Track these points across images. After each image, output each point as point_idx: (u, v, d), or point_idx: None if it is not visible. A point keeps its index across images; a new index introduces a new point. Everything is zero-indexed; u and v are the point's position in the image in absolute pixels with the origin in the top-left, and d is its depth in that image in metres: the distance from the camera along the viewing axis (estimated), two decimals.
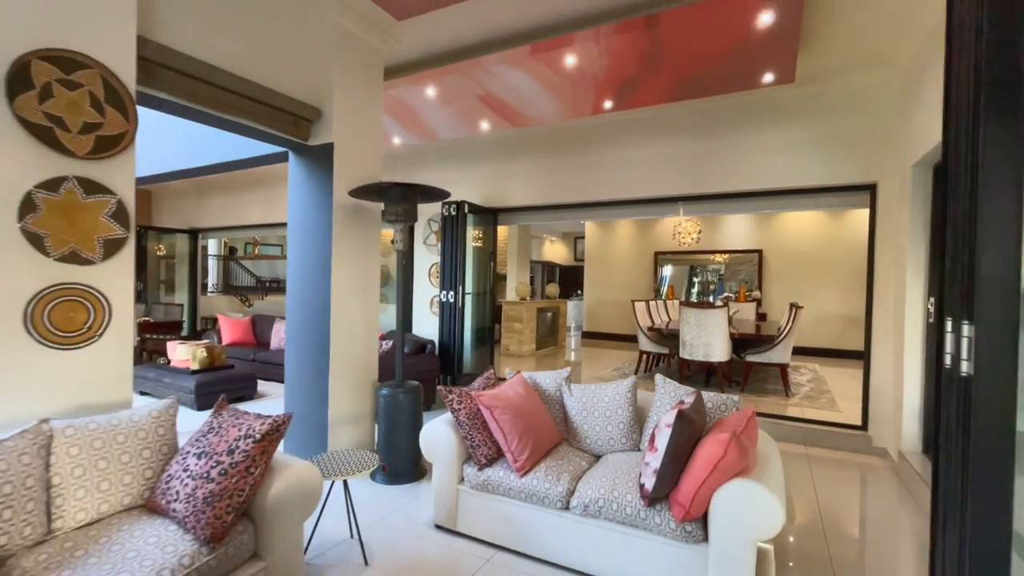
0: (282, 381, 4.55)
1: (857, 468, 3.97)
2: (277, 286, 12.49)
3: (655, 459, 2.20)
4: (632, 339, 10.49)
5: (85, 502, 1.84)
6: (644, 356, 6.91)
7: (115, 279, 2.34)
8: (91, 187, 2.23)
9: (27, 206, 2.05)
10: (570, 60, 3.76)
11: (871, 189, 4.37)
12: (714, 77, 4.04)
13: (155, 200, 9.98)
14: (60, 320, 2.16)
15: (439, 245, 6.13)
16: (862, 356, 4.43)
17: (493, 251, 6.32)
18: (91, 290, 2.25)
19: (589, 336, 11.51)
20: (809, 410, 5.08)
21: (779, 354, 5.67)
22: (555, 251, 16.67)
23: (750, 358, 5.79)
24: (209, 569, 1.75)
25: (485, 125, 5.29)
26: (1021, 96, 1.08)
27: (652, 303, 7.58)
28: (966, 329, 1.12)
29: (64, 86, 2.14)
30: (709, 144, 4.99)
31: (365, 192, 3.41)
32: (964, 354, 1.12)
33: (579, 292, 14.77)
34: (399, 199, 3.43)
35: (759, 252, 9.85)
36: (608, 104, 4.59)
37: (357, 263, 3.71)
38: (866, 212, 5.51)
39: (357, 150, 3.68)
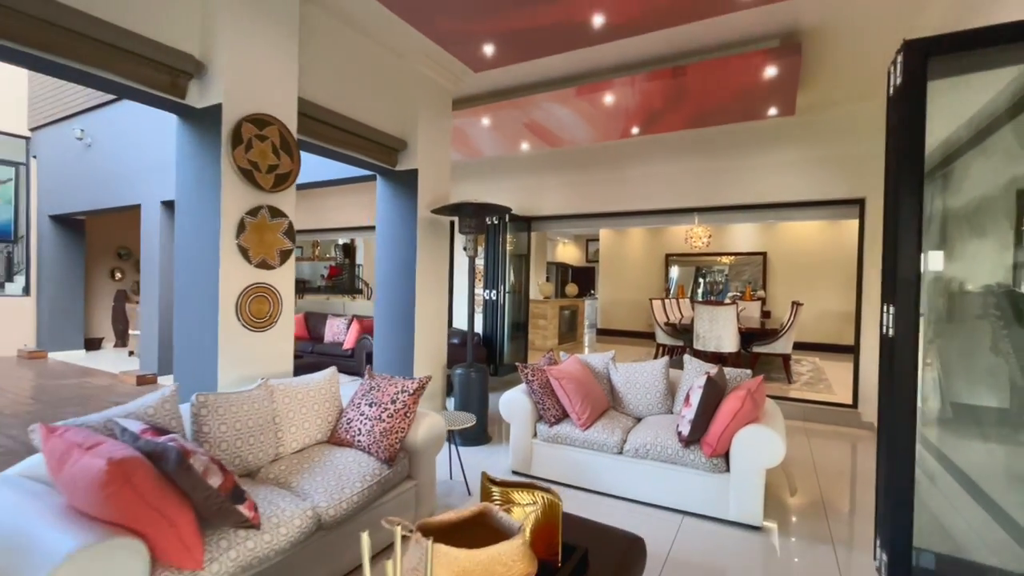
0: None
1: (848, 439, 4.74)
2: (304, 287, 13.38)
3: (689, 412, 2.98)
4: (644, 335, 11.27)
5: (296, 435, 2.63)
6: (660, 348, 7.69)
7: (284, 280, 3.14)
8: (274, 212, 3.03)
9: (240, 227, 2.86)
10: (608, 98, 4.55)
11: (860, 203, 5.14)
12: (726, 111, 4.82)
13: None
14: (255, 311, 2.96)
15: (478, 249, 6.92)
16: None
17: (527, 255, 7.11)
18: (272, 288, 3.06)
19: (603, 333, 12.28)
20: (808, 394, 5.85)
21: (782, 345, 6.45)
22: (567, 252, 17.43)
23: (756, 349, 6.57)
24: (387, 481, 2.54)
25: (525, 146, 6.08)
26: (920, 172, 1.87)
27: (667, 301, 8.35)
28: (891, 309, 1.89)
29: (258, 139, 2.94)
30: (720, 163, 5.77)
31: (445, 209, 4.21)
32: (890, 323, 1.89)
33: (591, 292, 15.54)
34: (472, 215, 4.22)
35: (763, 254, 10.62)
36: (635, 130, 5.37)
37: (433, 266, 4.51)
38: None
39: (434, 174, 4.48)
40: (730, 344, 6.38)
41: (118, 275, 9.90)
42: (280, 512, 2.01)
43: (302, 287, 13.92)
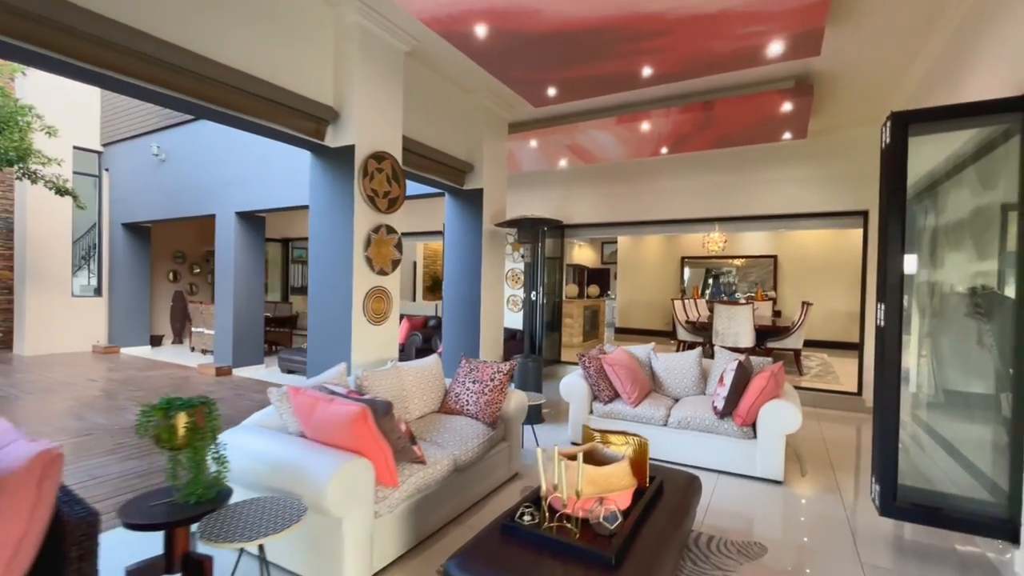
0: None
1: (853, 421, 5.42)
2: None
3: (723, 390, 3.70)
4: (660, 333, 11.96)
5: (418, 405, 3.37)
6: (681, 344, 8.39)
7: (393, 284, 3.89)
8: (389, 230, 3.78)
9: (367, 242, 3.60)
10: (644, 126, 5.27)
11: (864, 215, 5.83)
12: (746, 135, 5.52)
13: None
14: (375, 308, 3.71)
15: (515, 254, 7.64)
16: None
17: (560, 259, 7.83)
18: (386, 290, 3.80)
19: (621, 332, 12.98)
20: (818, 384, 6.54)
21: (794, 341, 7.14)
22: (583, 255, 18.12)
23: (770, 344, 7.26)
24: (492, 439, 3.27)
25: (563, 162, 6.81)
26: (903, 206, 2.57)
27: (686, 301, 9.05)
28: (882, 306, 2.60)
29: (378, 171, 3.69)
30: (738, 178, 6.47)
31: (507, 223, 4.94)
32: (882, 317, 2.60)
33: (607, 292, 16.23)
34: (529, 227, 4.95)
35: (774, 257, 11.29)
36: (664, 150, 6.08)
37: (492, 271, 5.24)
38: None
39: (494, 191, 5.21)
40: (747, 340, 7.08)
41: (175, 277, 10.72)
42: (433, 455, 2.74)
43: None
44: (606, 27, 3.33)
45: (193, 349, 9.32)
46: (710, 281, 12.48)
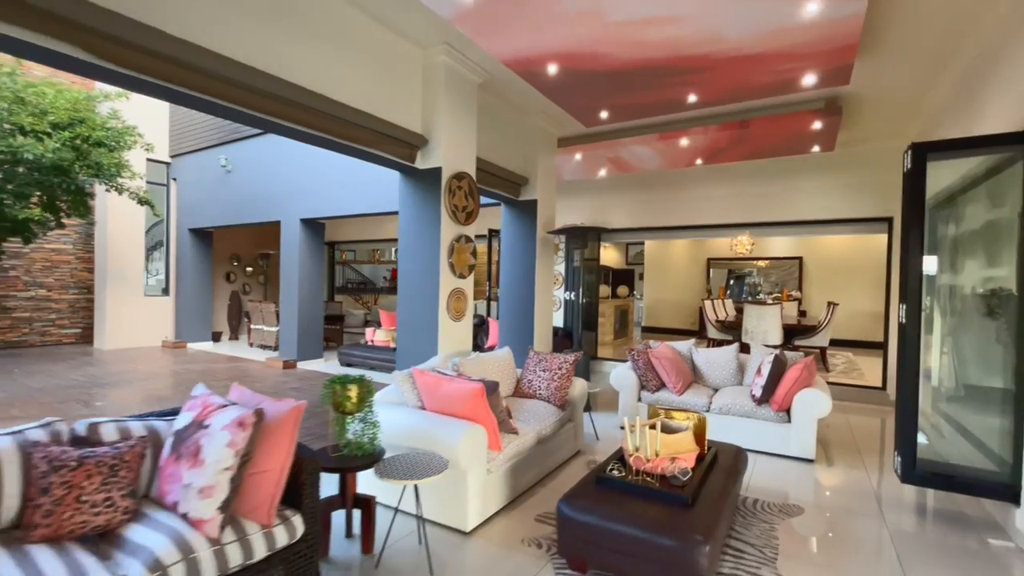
0: None
1: (878, 414, 5.84)
2: (364, 287, 15.04)
3: (761, 380, 4.20)
4: (686, 332, 12.38)
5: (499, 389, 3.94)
6: (710, 342, 8.84)
7: (468, 285, 4.47)
8: (466, 239, 4.37)
9: (451, 250, 4.20)
10: (683, 141, 5.77)
11: (888, 221, 6.23)
12: (777, 149, 5.98)
13: None
14: (455, 307, 4.29)
15: (555, 256, 8.17)
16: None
17: (597, 261, 8.34)
18: (464, 291, 4.39)
19: (648, 330, 13.43)
20: (843, 379, 6.95)
21: (820, 339, 7.55)
22: (608, 255, 18.55)
23: (797, 342, 7.68)
24: (562, 419, 3.82)
25: (602, 172, 7.34)
26: (922, 220, 3.06)
27: (715, 301, 9.50)
28: (903, 306, 3.08)
29: (458, 189, 4.28)
30: (767, 186, 6.92)
31: (559, 231, 5.49)
32: (902, 314, 3.08)
33: (633, 293, 16.67)
34: (579, 235, 5.50)
35: (799, 259, 11.64)
36: (699, 161, 6.57)
37: (544, 273, 5.80)
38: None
39: (546, 202, 5.77)
40: (775, 338, 7.51)
41: (232, 278, 11.52)
42: (522, 428, 3.31)
43: (361, 287, 15.50)
44: (658, 66, 3.86)
45: (252, 344, 10.07)
46: (731, 282, 12.87)
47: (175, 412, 2.30)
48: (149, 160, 9.78)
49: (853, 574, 2.50)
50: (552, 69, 3.92)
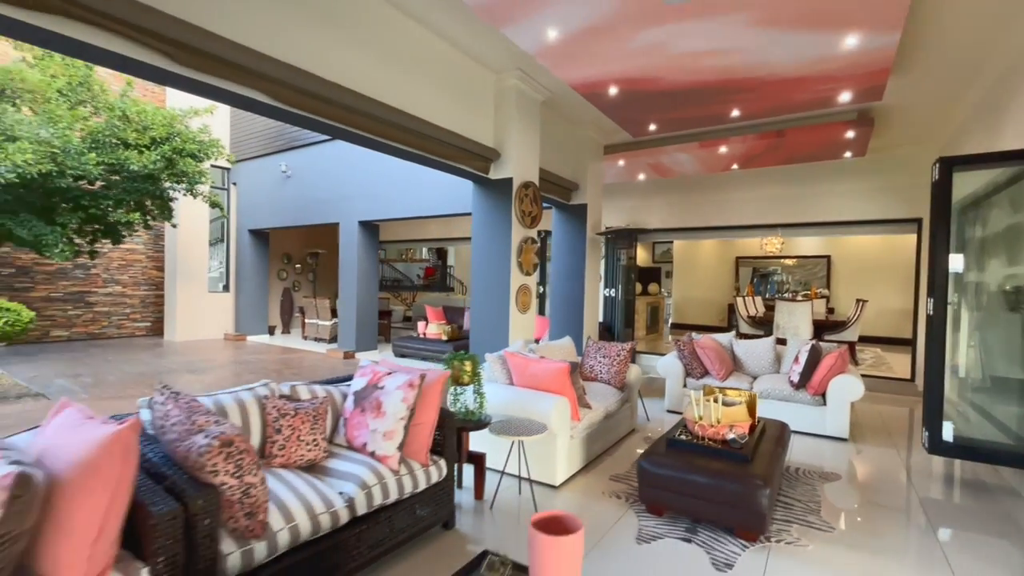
0: None
1: (906, 404, 6.22)
2: (399, 284, 15.78)
3: (798, 367, 4.66)
4: (714, 329, 12.74)
5: None
6: (741, 337, 9.23)
7: (533, 281, 5.02)
8: (532, 240, 4.92)
9: (519, 250, 4.75)
10: (722, 149, 6.22)
11: (918, 222, 6.59)
12: (811, 155, 6.40)
13: None
14: (522, 301, 4.85)
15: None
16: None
17: (634, 260, 8.82)
18: (528, 287, 4.94)
19: (677, 327, 13.82)
20: (873, 372, 7.32)
21: (850, 334, 7.92)
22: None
23: (827, 337, 8.05)
24: (621, 400, 4.34)
25: (641, 176, 7.82)
26: (948, 226, 3.50)
27: (747, 299, 9.89)
28: (930, 300, 3.52)
29: (526, 196, 4.82)
30: (800, 189, 7.31)
31: (608, 233, 6.00)
32: (930, 307, 3.52)
33: (661, 290, 17.05)
34: (625, 236, 6.01)
35: (827, 258, 11.93)
36: (735, 166, 7.01)
37: (593, 272, 6.32)
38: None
39: (595, 205, 6.29)
40: (806, 333, 7.90)
41: (284, 275, 12.29)
42: (593, 405, 3.85)
43: (396, 284, 16.21)
44: (708, 87, 4.35)
45: (306, 337, 10.80)
46: (755, 280, 13.20)
47: (344, 379, 2.90)
48: (212, 166, 10.55)
49: (888, 523, 2.99)
50: (613, 90, 4.44)
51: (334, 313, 10.35)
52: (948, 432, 3.55)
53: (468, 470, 3.34)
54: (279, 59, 3.06)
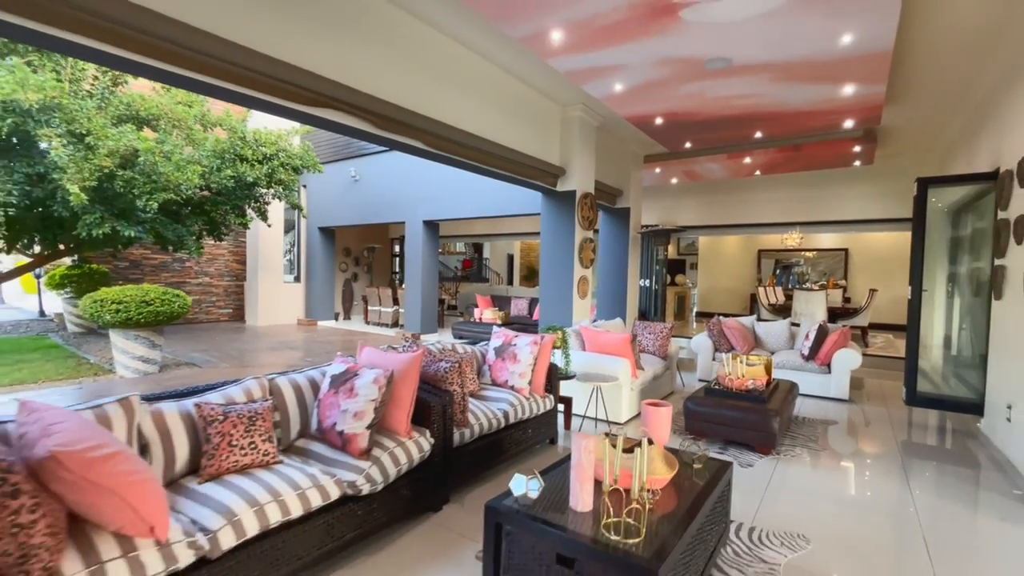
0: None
1: None
2: (442, 275, 16.98)
3: (808, 343, 5.76)
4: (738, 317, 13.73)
5: None
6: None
7: (590, 273, 6.19)
8: (589, 240, 6.08)
9: (579, 248, 5.93)
10: (747, 160, 7.27)
11: None
12: (825, 163, 7.40)
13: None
14: (581, 289, 6.03)
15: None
16: None
17: (666, 255, 9.91)
18: (587, 278, 6.10)
19: (702, 315, 14.83)
20: (880, 352, 8.31)
21: (861, 320, 8.90)
22: None
23: (841, 323, 9.05)
24: (664, 367, 5.50)
25: (674, 180, 8.88)
26: (924, 218, 4.56)
27: (768, 289, 10.90)
28: (911, 287, 4.58)
29: (584, 204, 5.98)
30: (816, 191, 8.30)
31: (650, 232, 7.13)
32: (910, 293, 4.57)
33: (687, 281, 18.03)
34: (663, 234, 7.12)
35: (845, 251, 12.80)
36: (757, 173, 8.03)
37: (634, 265, 7.46)
38: None
39: (636, 209, 7.41)
40: (820, 318, 8.90)
41: (344, 267, 13.68)
42: (645, 368, 5.02)
43: (439, 276, 17.52)
44: (736, 117, 5.43)
45: (368, 322, 12.16)
46: (777, 271, 14.13)
47: (477, 342, 4.13)
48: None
49: (870, 448, 4.11)
50: (659, 121, 5.55)
51: (395, 301, 11.67)
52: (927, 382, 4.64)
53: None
54: (425, 113, 4.28)
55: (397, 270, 15.10)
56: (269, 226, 10.40)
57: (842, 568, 2.42)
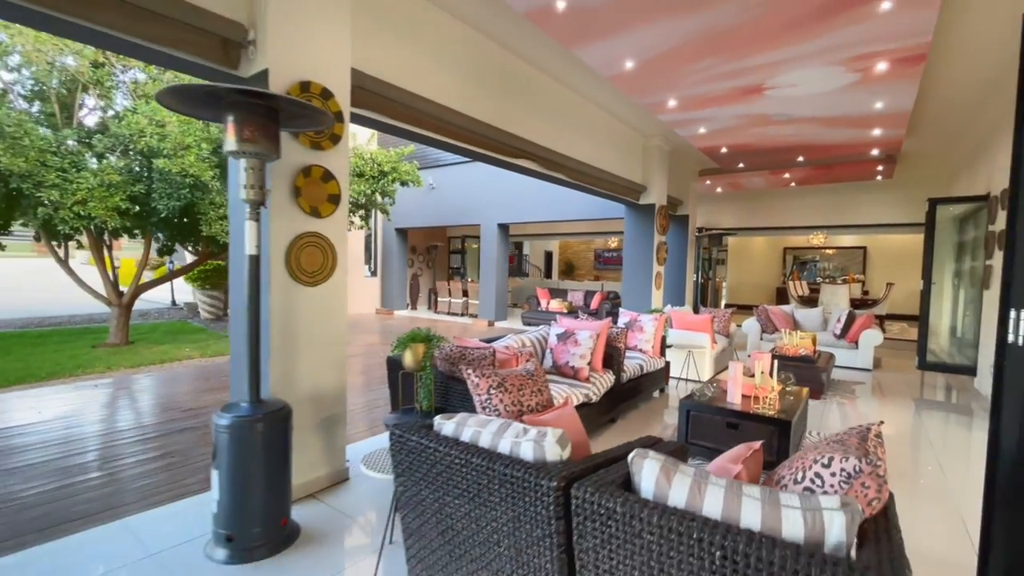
0: None
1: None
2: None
3: (839, 325, 7.27)
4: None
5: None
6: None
7: (663, 269, 7.73)
8: (664, 243, 7.62)
9: (656, 250, 7.48)
10: (786, 175, 8.75)
11: None
12: (851, 177, 8.87)
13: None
14: (657, 282, 7.58)
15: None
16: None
17: (710, 254, 11.41)
18: (660, 273, 7.65)
19: (730, 307, 16.31)
20: (900, 337, 9.78)
21: (878, 310, 10.37)
22: None
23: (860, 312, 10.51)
24: (727, 342, 7.05)
25: (719, 189, 10.38)
26: (934, 230, 6.05)
27: (796, 282, 12.36)
28: (923, 280, 6.06)
29: (660, 214, 7.52)
30: (840, 199, 9.75)
31: (706, 235, 8.65)
32: (922, 284, 6.06)
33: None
34: (717, 237, 8.64)
35: (864, 248, 14.21)
36: (792, 184, 9.51)
37: (691, 261, 8.99)
38: None
39: (693, 215, 8.93)
40: (844, 307, 10.37)
41: (411, 263, 15.32)
42: (716, 342, 6.57)
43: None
44: (782, 147, 6.93)
45: (437, 312, 13.79)
46: (796, 266, 15.57)
47: (601, 320, 5.72)
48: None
49: (892, 402, 5.64)
50: (724, 150, 7.07)
51: (464, 293, 13.28)
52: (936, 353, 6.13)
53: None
54: (566, 152, 5.83)
55: (455, 266, 16.73)
56: (369, 230, 12.01)
57: None
